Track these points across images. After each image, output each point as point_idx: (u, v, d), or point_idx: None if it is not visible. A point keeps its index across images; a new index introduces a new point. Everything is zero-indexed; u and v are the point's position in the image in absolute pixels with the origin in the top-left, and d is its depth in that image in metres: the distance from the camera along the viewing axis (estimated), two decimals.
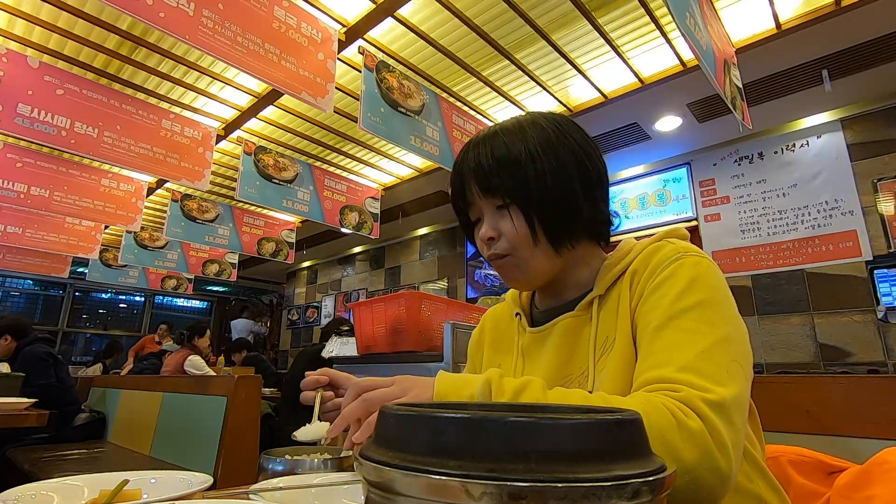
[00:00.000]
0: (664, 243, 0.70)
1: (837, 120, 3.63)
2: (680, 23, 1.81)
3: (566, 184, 0.69)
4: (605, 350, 0.67)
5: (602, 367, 0.66)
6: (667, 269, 0.65)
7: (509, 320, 0.86)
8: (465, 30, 2.94)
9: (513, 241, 0.70)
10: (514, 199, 0.69)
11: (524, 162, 0.68)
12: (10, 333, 3.21)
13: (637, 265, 0.69)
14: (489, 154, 0.70)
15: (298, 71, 2.49)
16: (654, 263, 0.66)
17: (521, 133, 0.71)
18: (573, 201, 0.70)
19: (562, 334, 0.73)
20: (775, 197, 3.85)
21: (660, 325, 0.60)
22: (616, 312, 0.68)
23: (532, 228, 0.69)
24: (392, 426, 0.31)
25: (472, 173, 0.72)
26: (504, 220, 0.71)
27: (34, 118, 2.72)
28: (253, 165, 3.73)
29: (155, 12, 1.98)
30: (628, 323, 0.66)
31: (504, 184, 0.69)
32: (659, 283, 0.64)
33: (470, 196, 0.74)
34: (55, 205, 3.60)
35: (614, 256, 0.74)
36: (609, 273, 0.71)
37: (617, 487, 0.26)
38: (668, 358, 0.57)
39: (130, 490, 0.66)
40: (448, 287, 5.99)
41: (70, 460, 2.38)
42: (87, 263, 5.67)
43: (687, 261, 0.65)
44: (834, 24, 2.76)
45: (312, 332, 7.70)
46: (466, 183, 0.73)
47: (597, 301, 0.71)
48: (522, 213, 0.69)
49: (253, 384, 1.94)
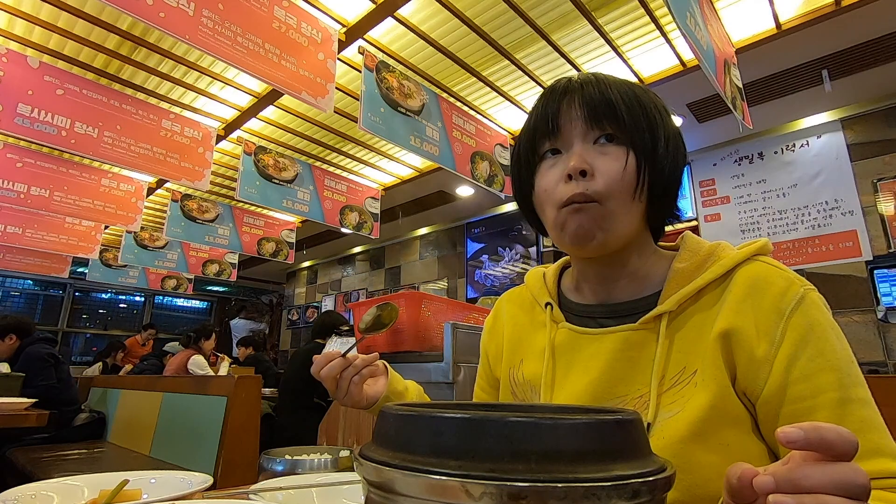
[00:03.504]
0: (765, 266, 0.59)
1: (837, 120, 3.63)
2: (681, 22, 1.81)
3: (679, 155, 0.61)
4: (677, 382, 0.57)
5: (672, 401, 0.56)
6: (799, 313, 0.54)
7: (531, 309, 0.74)
8: (465, 30, 2.94)
9: (613, 183, 0.57)
10: (635, 138, 0.58)
11: (650, 109, 0.60)
12: (15, 332, 3.20)
13: (740, 293, 0.57)
14: (607, 87, 0.60)
15: (298, 71, 2.49)
16: (773, 301, 0.55)
17: (633, 88, 0.62)
18: (679, 177, 0.62)
19: (619, 348, 0.61)
20: (775, 197, 3.85)
21: (842, 398, 0.51)
22: (700, 341, 0.57)
23: (641, 178, 0.58)
24: (392, 426, 0.31)
25: (582, 93, 0.60)
26: (604, 158, 0.58)
27: (34, 118, 2.72)
28: (253, 165, 3.73)
29: (155, 12, 1.98)
30: (721, 360, 0.55)
31: (626, 116, 0.58)
32: (804, 337, 0.53)
33: (564, 120, 0.61)
34: (55, 205, 3.60)
35: (684, 258, 0.63)
36: (684, 286, 0.60)
37: (617, 487, 0.26)
38: (876, 444, 0.49)
39: (130, 490, 0.66)
40: (448, 287, 5.99)
41: (70, 460, 2.38)
42: (87, 263, 5.67)
43: (812, 299, 0.56)
44: (834, 24, 2.76)
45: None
46: (566, 104, 0.61)
47: (666, 317, 0.59)
48: (637, 157, 0.58)
49: (253, 384, 1.94)
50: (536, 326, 0.72)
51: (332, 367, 0.72)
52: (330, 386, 0.73)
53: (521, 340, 0.74)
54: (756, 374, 0.54)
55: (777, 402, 0.53)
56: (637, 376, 0.59)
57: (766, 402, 0.54)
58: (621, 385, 0.60)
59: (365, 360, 0.75)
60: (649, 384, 0.58)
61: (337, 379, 0.73)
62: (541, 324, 0.71)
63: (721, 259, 0.60)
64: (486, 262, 5.68)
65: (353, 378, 0.73)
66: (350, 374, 0.73)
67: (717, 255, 0.61)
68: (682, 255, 0.63)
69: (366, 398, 0.75)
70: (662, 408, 0.56)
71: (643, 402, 0.58)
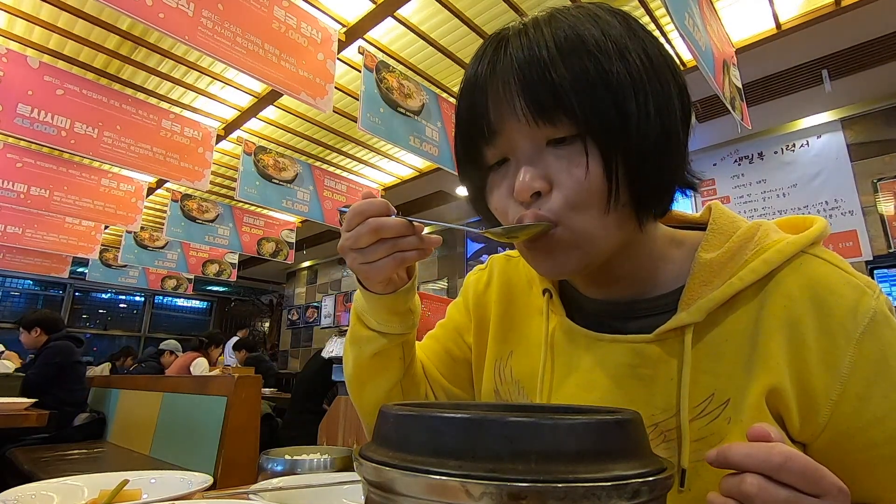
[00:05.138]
0: (826, 268, 0.45)
1: (837, 120, 3.63)
2: (678, 23, 1.81)
3: (671, 117, 0.44)
4: (704, 413, 0.45)
5: (698, 437, 0.45)
6: (871, 335, 0.42)
7: (528, 289, 0.62)
8: (465, 30, 2.94)
9: (576, 197, 0.43)
10: (594, 129, 0.42)
11: (616, 69, 0.41)
12: (40, 326, 3.35)
13: (792, 305, 0.44)
14: (551, 47, 0.42)
15: (298, 71, 2.49)
16: (840, 320, 0.42)
17: (597, 23, 0.44)
18: (678, 145, 0.46)
19: (630, 362, 0.49)
20: (775, 197, 3.85)
21: None
22: (734, 362, 0.45)
23: (613, 181, 0.43)
24: (392, 426, 0.31)
25: (515, 77, 0.43)
26: (560, 165, 0.43)
27: (34, 118, 2.72)
28: (253, 165, 3.73)
29: (154, 13, 1.97)
30: (762, 397, 0.43)
31: (580, 100, 0.41)
32: (878, 367, 0.41)
33: (499, 116, 0.44)
34: (55, 205, 3.60)
35: (712, 244, 0.48)
36: (713, 287, 0.46)
37: (617, 487, 0.26)
38: None
39: (130, 490, 0.66)
40: (448, 287, 5.99)
41: (70, 460, 2.38)
42: (87, 263, 5.66)
43: (885, 314, 0.43)
44: (834, 24, 2.76)
45: (312, 332, 7.70)
46: (498, 92, 0.44)
47: (691, 331, 0.46)
48: (602, 154, 0.42)
49: (253, 384, 1.94)
50: (532, 313, 0.60)
51: (394, 224, 0.49)
52: (368, 239, 0.49)
53: (512, 326, 0.61)
54: (814, 415, 0.43)
55: (840, 451, 0.42)
56: (651, 399, 0.47)
57: (828, 447, 0.43)
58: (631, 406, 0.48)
59: (431, 240, 0.52)
60: (668, 411, 0.46)
61: (383, 239, 0.49)
62: (537, 310, 0.59)
63: (764, 250, 0.46)
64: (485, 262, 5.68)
65: (404, 254, 0.50)
66: (408, 244, 0.50)
67: (757, 242, 0.47)
68: (710, 241, 0.49)
69: (397, 277, 0.55)
70: (694, 439, 0.45)
71: (658, 433, 0.47)
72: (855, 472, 0.41)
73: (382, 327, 0.57)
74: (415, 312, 0.60)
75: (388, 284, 0.54)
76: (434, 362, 0.69)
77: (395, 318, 0.57)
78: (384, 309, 0.56)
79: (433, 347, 0.70)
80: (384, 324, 0.57)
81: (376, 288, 0.55)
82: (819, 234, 0.47)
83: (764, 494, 0.31)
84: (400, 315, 0.58)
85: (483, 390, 0.64)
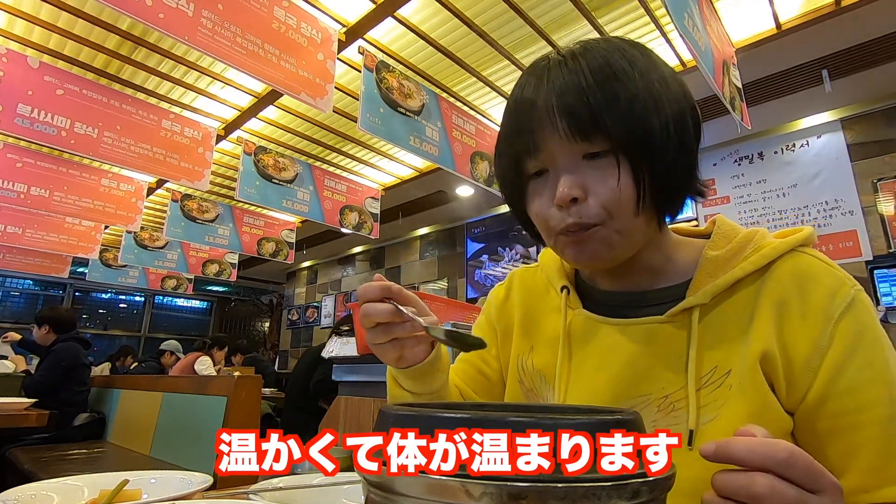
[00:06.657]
0: (811, 261, 0.54)
1: (837, 120, 3.63)
2: (678, 24, 1.81)
3: (686, 134, 0.54)
4: (709, 382, 0.52)
5: (704, 403, 0.52)
6: (849, 317, 0.49)
7: (544, 292, 0.69)
8: (465, 30, 2.94)
9: (611, 203, 0.51)
10: (625, 145, 0.50)
11: (642, 95, 0.50)
12: (49, 324, 3.34)
13: (782, 289, 0.52)
14: (587, 75, 0.51)
15: (298, 71, 2.49)
16: (821, 301, 0.50)
17: (624, 55, 0.53)
18: (692, 158, 0.56)
19: (643, 341, 0.56)
20: (775, 197, 3.85)
21: (892, 415, 0.46)
22: (735, 338, 0.53)
23: (641, 189, 0.51)
24: (391, 426, 0.31)
25: (557, 100, 0.51)
26: (595, 175, 0.52)
27: (34, 118, 2.72)
28: (253, 165, 3.73)
29: (154, 13, 1.97)
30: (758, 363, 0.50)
31: (613, 120, 0.49)
32: (853, 344, 0.48)
33: (542, 134, 0.52)
34: (55, 205, 3.60)
35: (718, 244, 0.58)
36: (717, 276, 0.54)
37: (617, 487, 0.26)
38: None
39: (130, 490, 0.66)
40: (448, 287, 5.99)
41: (70, 460, 2.38)
42: (87, 263, 5.66)
43: (863, 301, 0.50)
44: (834, 24, 2.76)
45: (312, 332, 7.70)
46: (541, 113, 0.52)
47: (698, 311, 0.54)
48: (632, 165, 0.51)
49: (253, 384, 1.94)
50: (549, 311, 0.66)
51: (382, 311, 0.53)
52: (368, 322, 0.54)
53: (532, 325, 0.68)
54: (797, 382, 0.49)
55: (812, 416, 0.49)
56: (663, 374, 0.54)
57: (804, 415, 0.50)
58: (644, 383, 0.55)
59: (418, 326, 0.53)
60: (677, 383, 0.53)
61: (380, 324, 0.54)
62: (555, 308, 0.65)
63: (761, 248, 0.55)
64: (486, 262, 5.68)
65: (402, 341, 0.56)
66: (402, 331, 0.54)
67: (755, 242, 0.56)
68: (715, 242, 0.58)
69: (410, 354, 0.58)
70: (703, 408, 0.52)
71: (668, 403, 0.53)
72: (820, 440, 0.49)
73: (413, 388, 0.62)
74: (443, 371, 0.63)
75: (399, 361, 0.58)
76: (469, 385, 0.74)
77: (422, 384, 0.61)
78: (408, 377, 0.60)
79: (466, 371, 0.75)
80: (414, 386, 0.62)
81: (390, 364, 0.60)
82: (807, 237, 0.56)
83: (775, 495, 0.32)
84: (427, 379, 0.61)
85: (508, 383, 0.69)
